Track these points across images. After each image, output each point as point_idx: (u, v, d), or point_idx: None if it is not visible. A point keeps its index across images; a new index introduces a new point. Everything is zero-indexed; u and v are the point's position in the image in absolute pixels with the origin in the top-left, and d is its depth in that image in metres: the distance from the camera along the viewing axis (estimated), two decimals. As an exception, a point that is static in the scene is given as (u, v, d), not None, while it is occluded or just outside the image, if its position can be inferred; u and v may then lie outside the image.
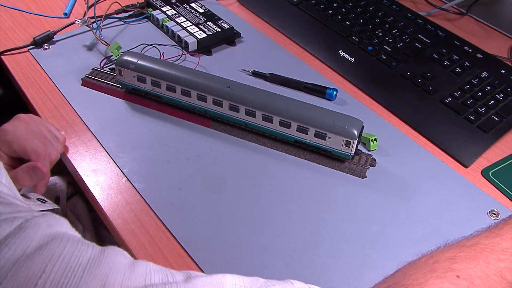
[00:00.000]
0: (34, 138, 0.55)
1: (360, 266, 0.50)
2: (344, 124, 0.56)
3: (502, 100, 0.67)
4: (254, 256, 0.50)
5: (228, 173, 0.58)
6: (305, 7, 0.85)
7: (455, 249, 0.38)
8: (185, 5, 0.83)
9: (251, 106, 0.60)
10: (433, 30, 0.80)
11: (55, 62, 0.73)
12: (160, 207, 0.54)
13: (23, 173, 0.52)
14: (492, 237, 0.39)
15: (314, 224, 0.53)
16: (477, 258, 0.37)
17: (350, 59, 0.76)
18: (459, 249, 0.38)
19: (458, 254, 0.37)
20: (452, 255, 0.37)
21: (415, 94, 0.69)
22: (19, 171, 0.52)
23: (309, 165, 0.60)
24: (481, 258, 0.37)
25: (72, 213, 0.68)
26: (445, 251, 0.38)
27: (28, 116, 0.58)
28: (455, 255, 0.37)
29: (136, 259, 0.47)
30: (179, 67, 0.64)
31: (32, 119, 0.58)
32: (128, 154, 0.60)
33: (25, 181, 0.52)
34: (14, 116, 0.57)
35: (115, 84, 0.69)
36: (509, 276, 0.36)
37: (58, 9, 0.85)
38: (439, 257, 0.37)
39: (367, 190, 0.57)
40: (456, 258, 0.37)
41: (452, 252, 0.38)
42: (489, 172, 0.61)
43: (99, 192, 0.56)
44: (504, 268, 0.36)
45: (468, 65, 0.73)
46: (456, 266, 0.36)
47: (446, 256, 0.37)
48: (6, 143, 0.54)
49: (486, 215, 0.55)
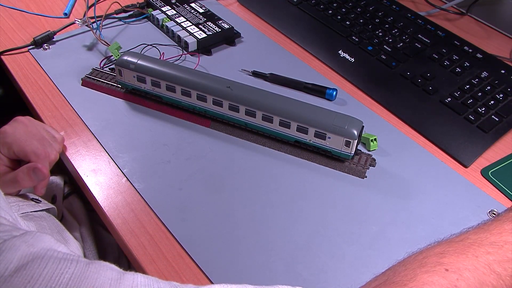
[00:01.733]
0: (33, 139, 0.55)
1: (360, 266, 0.50)
2: (344, 124, 0.56)
3: (502, 100, 0.67)
4: (254, 256, 0.50)
5: (228, 173, 0.58)
6: (305, 7, 0.85)
7: (444, 245, 0.38)
8: (185, 5, 0.83)
9: (251, 106, 0.60)
10: (433, 30, 0.80)
11: (55, 62, 0.73)
12: (160, 207, 0.54)
13: (24, 174, 0.52)
14: (480, 233, 0.39)
15: (314, 224, 0.53)
16: (466, 252, 0.37)
17: (350, 59, 0.76)
18: (448, 245, 0.38)
19: (447, 249, 0.38)
20: (441, 251, 0.38)
21: (415, 94, 0.69)
22: (19, 172, 0.52)
23: (309, 165, 0.60)
24: (470, 252, 0.37)
25: (69, 212, 0.68)
26: (434, 247, 0.39)
27: (27, 118, 0.58)
28: (444, 250, 0.37)
29: (136, 259, 0.47)
30: (179, 67, 0.64)
31: (30, 121, 0.58)
32: (128, 154, 0.60)
33: (25, 182, 0.52)
34: (13, 119, 0.57)
35: (115, 84, 0.69)
36: (497, 269, 0.36)
37: (58, 9, 0.85)
38: (428, 253, 0.38)
39: (367, 190, 0.57)
40: (445, 252, 0.37)
41: (441, 248, 0.38)
42: (488, 171, 0.61)
43: (99, 192, 0.56)
44: (493, 261, 0.36)
45: (468, 65, 0.73)
46: (445, 260, 0.36)
47: (435, 251, 0.38)
48: (6, 145, 0.54)
49: (486, 215, 0.55)
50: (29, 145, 0.54)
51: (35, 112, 0.66)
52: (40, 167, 0.52)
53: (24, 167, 0.53)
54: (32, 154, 0.54)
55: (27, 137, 0.55)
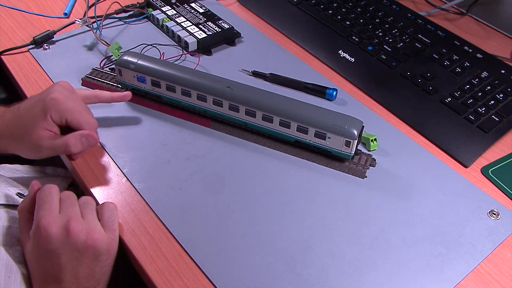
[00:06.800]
0: (83, 109, 0.57)
1: (360, 266, 0.50)
2: (344, 124, 0.56)
3: (502, 100, 0.67)
4: (254, 256, 0.50)
5: (228, 173, 0.58)
6: (305, 7, 0.85)
7: None
8: (185, 5, 0.83)
9: (251, 106, 0.60)
10: (433, 30, 0.80)
11: (55, 62, 0.73)
12: (160, 207, 0.54)
13: (75, 140, 0.55)
14: None
15: (314, 224, 0.53)
16: None
17: (350, 59, 0.76)
18: None
19: None
20: None
21: (415, 94, 0.69)
22: (71, 138, 0.55)
23: (309, 165, 0.60)
24: None
25: None
26: None
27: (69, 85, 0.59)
28: None
29: (136, 259, 0.47)
30: (179, 67, 0.64)
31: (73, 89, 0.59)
32: (128, 154, 0.60)
33: (76, 147, 0.55)
34: (57, 83, 0.58)
35: (115, 84, 0.69)
36: None
37: (58, 9, 0.85)
38: None
39: (367, 190, 0.57)
40: None
41: None
42: (488, 170, 0.61)
43: (99, 192, 0.56)
44: None
45: (468, 65, 0.73)
46: None
47: None
48: (58, 112, 0.55)
49: (486, 215, 0.55)
50: (83, 116, 0.56)
51: (35, 112, 0.66)
52: (93, 134, 0.56)
53: (77, 133, 0.55)
54: (86, 124, 0.56)
55: (79, 107, 0.57)
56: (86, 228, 0.48)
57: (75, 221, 0.48)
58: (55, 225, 0.47)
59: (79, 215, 0.49)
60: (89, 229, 0.48)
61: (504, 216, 0.55)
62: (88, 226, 0.48)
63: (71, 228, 0.47)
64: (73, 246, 0.47)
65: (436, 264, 0.50)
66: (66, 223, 0.47)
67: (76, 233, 0.47)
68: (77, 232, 0.47)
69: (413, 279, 0.49)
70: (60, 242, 0.47)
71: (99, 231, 0.49)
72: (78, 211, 0.50)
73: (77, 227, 0.47)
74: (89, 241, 0.47)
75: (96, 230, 0.48)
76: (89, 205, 0.51)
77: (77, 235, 0.47)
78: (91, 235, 0.48)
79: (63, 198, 0.51)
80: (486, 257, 0.51)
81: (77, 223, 0.48)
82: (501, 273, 0.50)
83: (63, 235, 0.47)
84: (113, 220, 0.51)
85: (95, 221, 0.50)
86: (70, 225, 0.47)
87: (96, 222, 0.50)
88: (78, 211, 0.50)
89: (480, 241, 0.52)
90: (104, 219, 0.51)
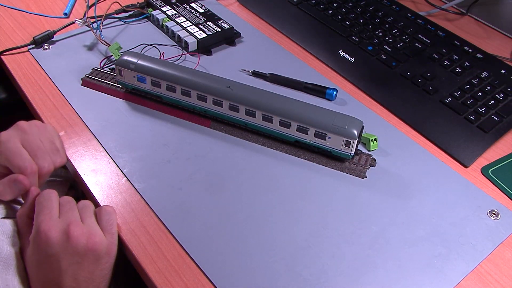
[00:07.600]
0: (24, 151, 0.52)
1: (360, 266, 0.50)
2: (344, 124, 0.56)
3: (502, 100, 0.67)
4: (254, 256, 0.50)
5: (228, 173, 0.58)
6: (305, 7, 0.85)
7: None
8: (185, 5, 0.83)
9: (251, 106, 0.60)
10: (433, 30, 0.80)
11: (55, 62, 0.73)
12: (160, 207, 0.54)
13: (4, 186, 0.51)
14: None
15: (314, 224, 0.53)
16: None
17: (350, 59, 0.76)
18: None
19: None
20: None
21: (415, 94, 0.70)
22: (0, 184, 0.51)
23: (309, 165, 0.60)
24: None
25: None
26: None
27: (28, 124, 0.55)
28: None
29: (136, 259, 0.47)
30: (179, 67, 0.64)
31: (32, 128, 0.55)
32: (128, 154, 0.60)
33: (6, 194, 0.51)
34: (15, 124, 0.55)
35: (115, 84, 0.69)
36: None
37: (58, 9, 0.85)
38: None
39: (367, 190, 0.57)
40: None
41: None
42: (488, 170, 0.61)
43: (99, 192, 0.56)
44: None
45: (468, 65, 0.73)
46: None
47: None
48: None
49: (486, 215, 0.55)
50: (17, 158, 0.51)
51: (35, 112, 0.66)
52: (21, 179, 0.50)
53: (6, 178, 0.51)
54: (16, 168, 0.51)
55: (18, 148, 0.52)
56: (86, 232, 0.48)
57: (75, 225, 0.48)
58: (55, 230, 0.47)
59: (79, 219, 0.49)
60: (90, 233, 0.48)
61: (504, 216, 0.55)
62: (88, 230, 0.48)
63: (72, 232, 0.47)
64: (73, 250, 0.47)
65: (436, 264, 0.50)
66: (66, 228, 0.47)
67: (76, 237, 0.47)
68: (78, 236, 0.47)
69: (413, 279, 0.49)
70: (60, 247, 0.47)
71: (99, 234, 0.49)
72: (78, 216, 0.50)
73: (78, 231, 0.47)
74: (90, 245, 0.47)
75: (97, 234, 0.48)
76: (88, 208, 0.51)
77: (78, 239, 0.47)
78: (92, 239, 0.48)
79: (62, 203, 0.50)
80: (486, 257, 0.51)
81: (77, 227, 0.48)
82: (501, 273, 0.50)
83: (63, 240, 0.47)
84: (111, 223, 0.51)
85: (94, 224, 0.50)
86: (70, 230, 0.47)
87: (96, 226, 0.50)
88: (78, 215, 0.50)
89: (480, 241, 0.52)
90: (102, 222, 0.50)
